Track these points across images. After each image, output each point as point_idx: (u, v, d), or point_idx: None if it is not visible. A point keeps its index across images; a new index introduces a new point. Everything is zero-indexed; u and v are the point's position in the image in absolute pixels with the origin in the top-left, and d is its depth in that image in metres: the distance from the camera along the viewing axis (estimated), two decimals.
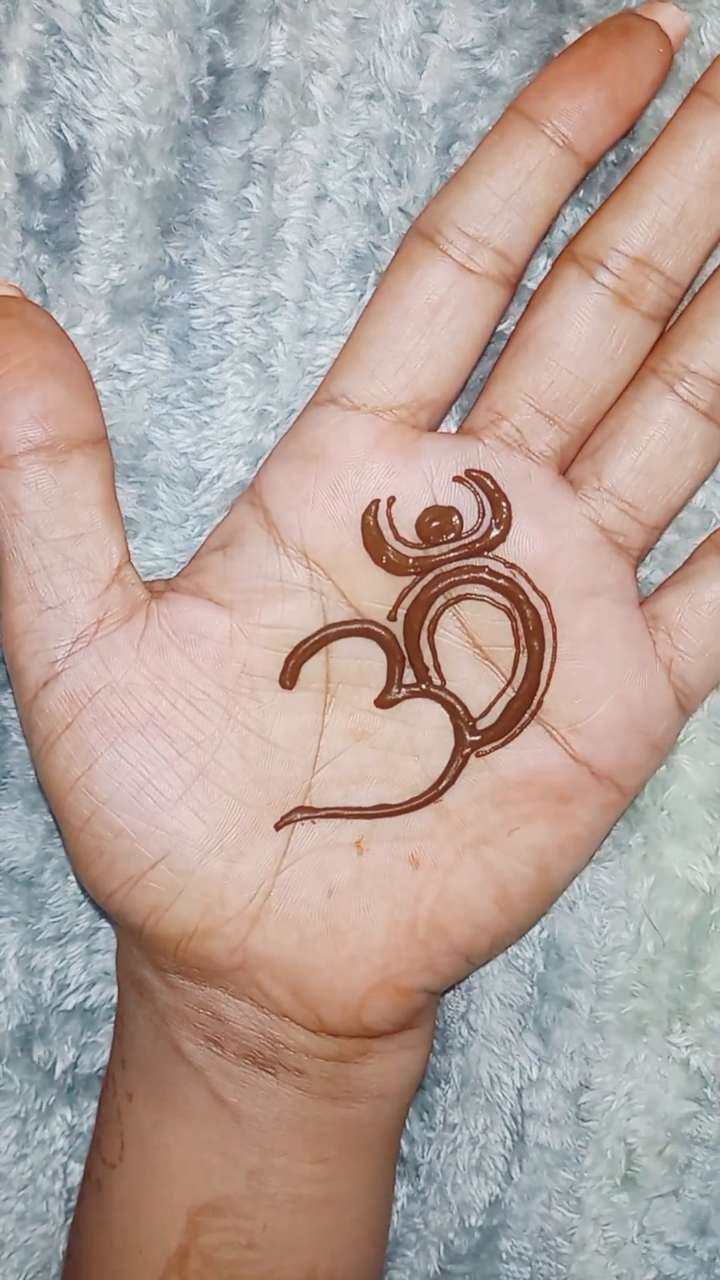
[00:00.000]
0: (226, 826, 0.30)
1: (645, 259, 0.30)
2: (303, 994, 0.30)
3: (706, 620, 0.31)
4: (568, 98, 0.29)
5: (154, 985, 0.32)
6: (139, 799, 0.30)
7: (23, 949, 0.35)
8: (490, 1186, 0.36)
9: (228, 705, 0.30)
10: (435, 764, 0.31)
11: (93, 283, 0.32)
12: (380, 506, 0.30)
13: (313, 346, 0.32)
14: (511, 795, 0.31)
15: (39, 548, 0.29)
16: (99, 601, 0.30)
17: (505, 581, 0.30)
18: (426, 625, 0.30)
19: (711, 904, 0.34)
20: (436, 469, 0.30)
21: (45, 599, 0.29)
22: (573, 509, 0.31)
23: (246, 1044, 0.31)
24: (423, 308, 0.30)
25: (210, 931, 0.30)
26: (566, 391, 0.30)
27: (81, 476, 0.29)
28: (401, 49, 0.31)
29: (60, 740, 0.30)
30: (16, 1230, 0.36)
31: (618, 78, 0.29)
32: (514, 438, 0.30)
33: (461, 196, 0.30)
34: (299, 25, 0.31)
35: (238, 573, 0.30)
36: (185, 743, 0.30)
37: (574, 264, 0.30)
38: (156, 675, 0.30)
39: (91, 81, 0.31)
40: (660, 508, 0.31)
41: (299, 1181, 0.32)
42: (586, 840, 0.31)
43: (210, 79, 0.31)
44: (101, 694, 0.30)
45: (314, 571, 0.30)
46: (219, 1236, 0.31)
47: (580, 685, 0.31)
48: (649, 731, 0.31)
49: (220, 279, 0.32)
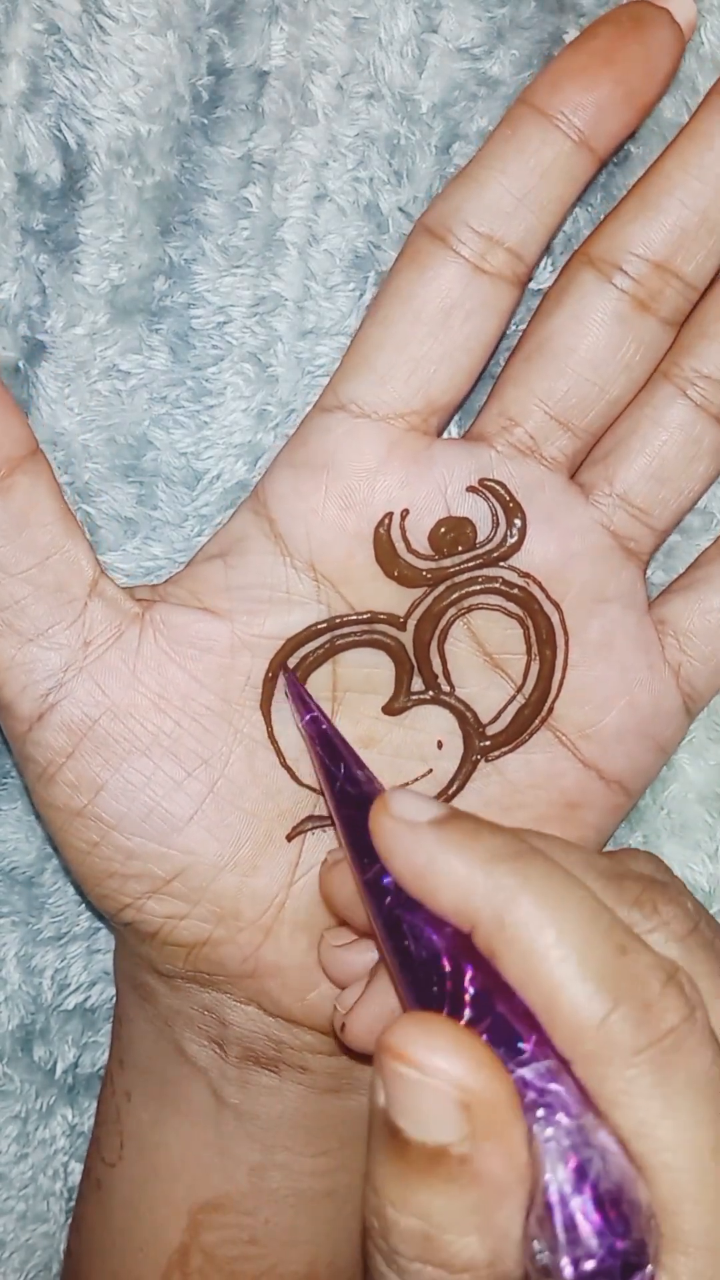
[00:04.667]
0: (240, 842, 0.30)
1: (665, 264, 0.29)
2: (312, 1000, 0.30)
3: (715, 625, 0.31)
4: (582, 91, 0.28)
5: (156, 989, 0.31)
6: (149, 821, 0.29)
7: (23, 949, 0.35)
8: None
9: (232, 719, 0.30)
10: (444, 770, 0.31)
11: (92, 283, 0.32)
12: (394, 520, 0.29)
13: (312, 346, 0.32)
14: (521, 800, 0.31)
15: (5, 584, 0.28)
16: (81, 623, 0.29)
17: (519, 591, 0.30)
18: (437, 635, 0.30)
19: (711, 903, 0.34)
20: (450, 478, 0.30)
21: (24, 633, 0.28)
22: (585, 515, 0.30)
23: (251, 1046, 0.31)
24: (435, 310, 0.29)
25: (223, 941, 0.30)
26: (582, 398, 0.30)
27: (30, 497, 0.28)
28: (401, 49, 0.31)
29: (61, 771, 0.29)
30: (17, 1230, 0.36)
31: (633, 71, 0.28)
32: (527, 444, 0.30)
33: (473, 194, 0.29)
34: (299, 25, 0.31)
35: (240, 582, 0.30)
36: (193, 761, 0.29)
37: (590, 267, 0.29)
38: (157, 694, 0.29)
39: (91, 81, 0.31)
40: (670, 512, 0.31)
41: (300, 1176, 0.32)
42: (593, 842, 0.31)
43: (210, 79, 0.31)
44: (102, 720, 0.29)
45: (321, 583, 0.30)
46: (221, 1233, 0.31)
47: (591, 691, 0.30)
48: (657, 735, 0.31)
49: (220, 279, 0.32)
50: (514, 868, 0.22)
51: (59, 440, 0.32)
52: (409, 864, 0.23)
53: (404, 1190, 0.22)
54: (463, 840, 0.23)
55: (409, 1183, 0.22)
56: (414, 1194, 0.21)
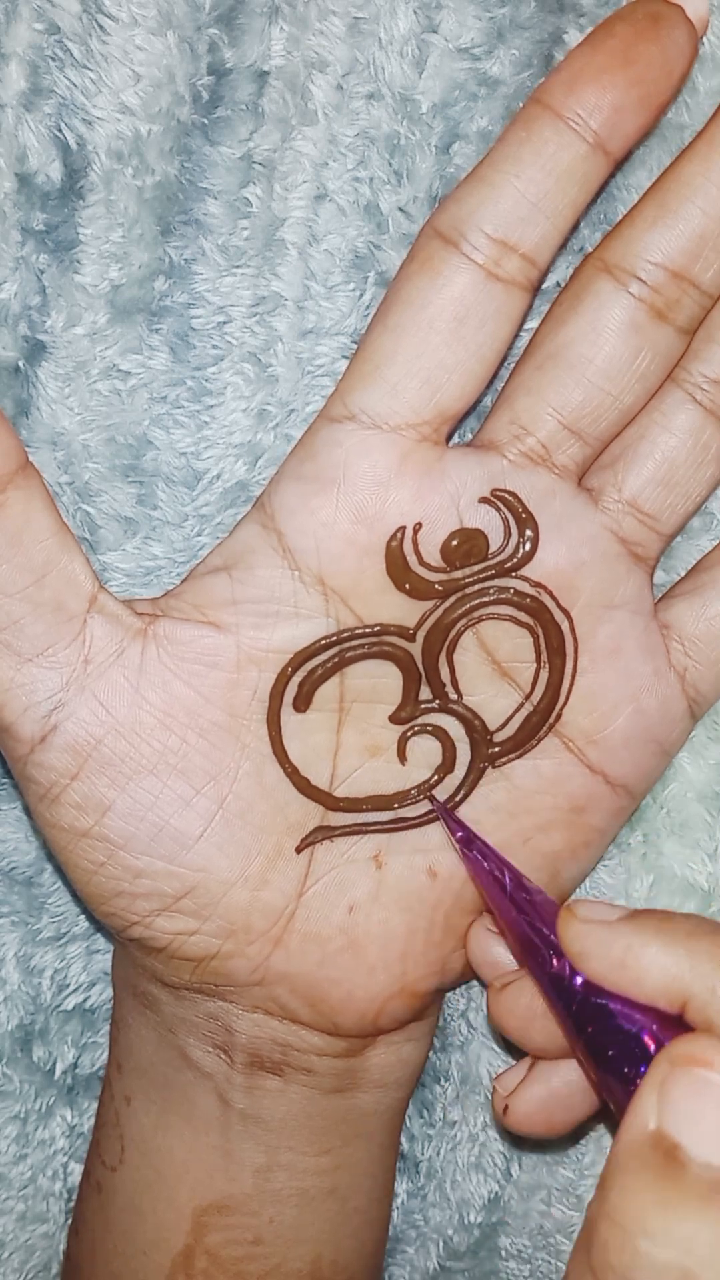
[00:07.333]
0: (250, 857, 0.29)
1: (682, 272, 0.28)
2: (321, 1005, 0.30)
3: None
4: (598, 92, 0.27)
5: (159, 997, 0.31)
6: (158, 840, 0.29)
7: (23, 949, 0.35)
8: (490, 1183, 0.36)
9: (239, 734, 0.29)
10: (450, 777, 0.30)
11: (92, 282, 0.32)
12: (406, 533, 0.29)
13: (312, 346, 0.32)
14: (527, 805, 0.31)
15: (1, 604, 0.27)
16: (81, 640, 0.28)
17: (530, 601, 0.30)
18: (446, 645, 0.30)
19: (710, 902, 0.34)
20: (462, 489, 0.29)
21: (22, 653, 0.28)
22: (594, 522, 0.30)
23: (257, 1051, 0.31)
24: (448, 319, 0.28)
25: (232, 954, 0.30)
26: (596, 407, 0.29)
27: (24, 513, 0.28)
28: (401, 49, 0.31)
29: (66, 792, 0.29)
30: (17, 1230, 0.36)
31: (649, 71, 0.27)
32: (538, 453, 0.29)
33: (487, 197, 0.28)
34: (299, 25, 0.31)
35: (246, 596, 0.29)
36: (201, 778, 0.29)
37: (606, 274, 0.29)
38: (163, 711, 0.29)
39: (91, 81, 0.31)
40: (678, 516, 0.31)
41: (304, 1175, 0.32)
42: (598, 845, 0.32)
43: (210, 79, 0.31)
44: (106, 739, 0.28)
45: (330, 597, 0.29)
46: (225, 1234, 0.31)
47: (598, 698, 0.30)
48: (662, 739, 0.31)
49: (220, 279, 0.32)
50: (715, 943, 0.24)
51: (59, 440, 0.32)
52: (608, 958, 0.24)
53: (669, 1220, 0.20)
54: (659, 926, 0.24)
55: (678, 1212, 0.20)
56: (681, 1224, 0.20)
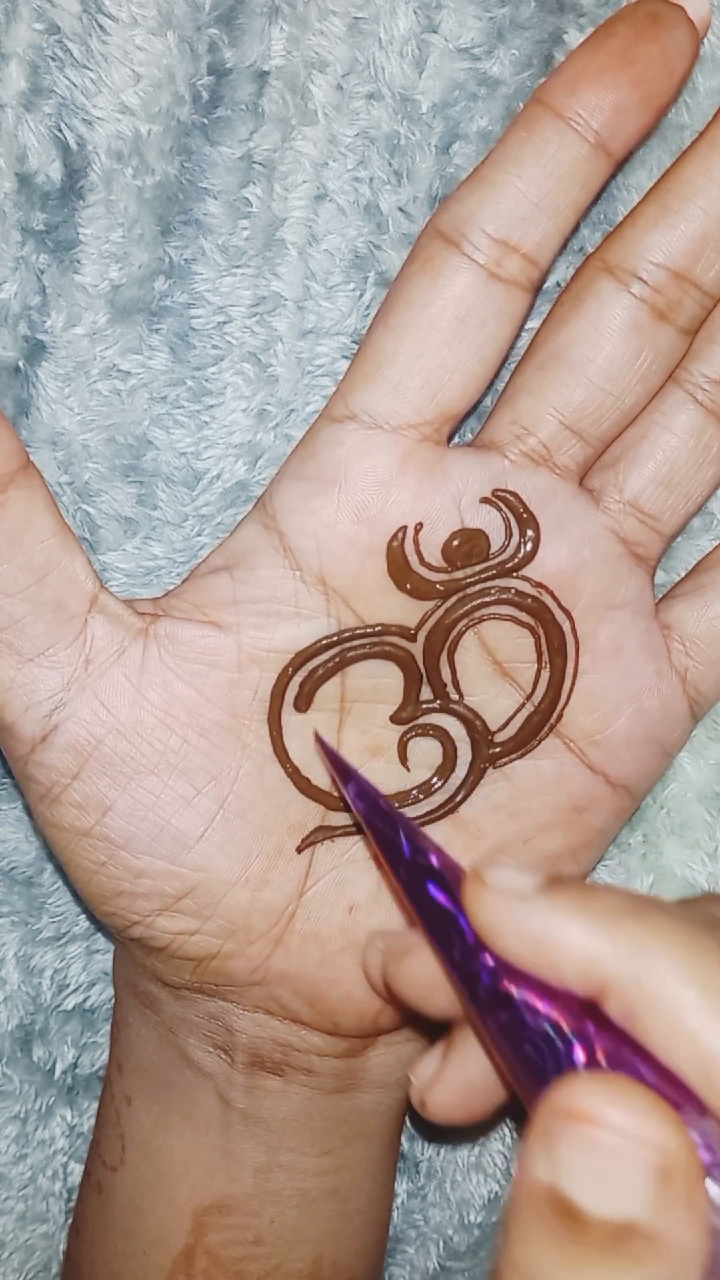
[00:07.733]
0: (251, 857, 0.29)
1: (684, 272, 0.28)
2: (321, 1005, 0.30)
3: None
4: (600, 92, 0.27)
5: (160, 997, 0.31)
6: (159, 840, 0.29)
7: (23, 949, 0.35)
8: (490, 1183, 0.36)
9: (240, 734, 0.29)
10: (451, 777, 0.30)
11: (92, 282, 0.32)
12: (407, 534, 0.29)
13: (312, 346, 0.32)
14: (527, 806, 0.30)
15: (2, 604, 0.28)
16: (81, 640, 0.28)
17: (532, 601, 0.30)
18: (447, 645, 0.30)
19: None
20: (463, 489, 0.29)
21: (23, 652, 0.28)
22: (595, 522, 0.30)
23: (257, 1051, 0.31)
24: (449, 319, 0.28)
25: (233, 954, 0.30)
26: (597, 408, 0.29)
27: (25, 513, 0.28)
28: (401, 49, 0.31)
29: (67, 791, 0.29)
30: (17, 1230, 0.36)
31: (651, 71, 0.27)
32: (540, 453, 0.29)
33: (488, 197, 0.28)
34: (299, 25, 0.31)
35: (247, 596, 0.29)
36: (202, 778, 0.29)
37: (607, 274, 0.29)
38: (164, 711, 0.29)
39: (91, 81, 0.31)
40: (679, 517, 0.31)
41: (305, 1175, 0.32)
42: (598, 845, 0.32)
43: (210, 79, 0.31)
44: (108, 739, 0.28)
45: (331, 597, 0.29)
46: (225, 1235, 0.31)
47: (599, 698, 0.30)
48: (663, 740, 0.31)
49: (220, 279, 0.32)
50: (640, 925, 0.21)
51: (59, 440, 0.32)
52: (522, 937, 0.22)
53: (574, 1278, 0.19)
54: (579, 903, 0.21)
55: (581, 1268, 0.19)
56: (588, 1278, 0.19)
